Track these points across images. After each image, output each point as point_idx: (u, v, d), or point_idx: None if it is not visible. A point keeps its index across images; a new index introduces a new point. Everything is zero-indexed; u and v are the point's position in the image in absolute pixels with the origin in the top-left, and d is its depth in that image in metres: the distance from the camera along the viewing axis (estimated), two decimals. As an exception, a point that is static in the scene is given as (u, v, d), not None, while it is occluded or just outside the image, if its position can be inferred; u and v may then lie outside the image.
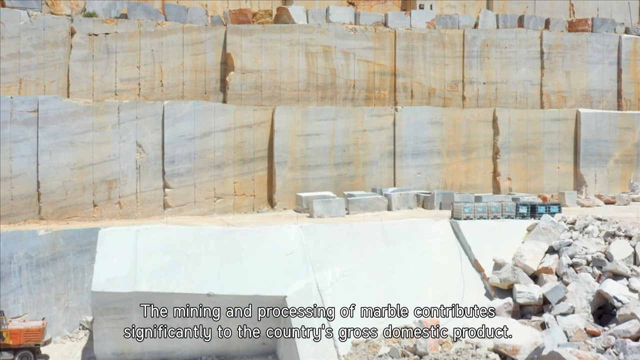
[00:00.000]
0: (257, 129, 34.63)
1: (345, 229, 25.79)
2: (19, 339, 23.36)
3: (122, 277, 22.40)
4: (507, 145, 38.56)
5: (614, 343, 19.28)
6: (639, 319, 19.71)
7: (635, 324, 19.59)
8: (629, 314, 19.94)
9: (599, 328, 20.32)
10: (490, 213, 26.71)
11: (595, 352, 18.73)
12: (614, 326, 20.15)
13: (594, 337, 19.96)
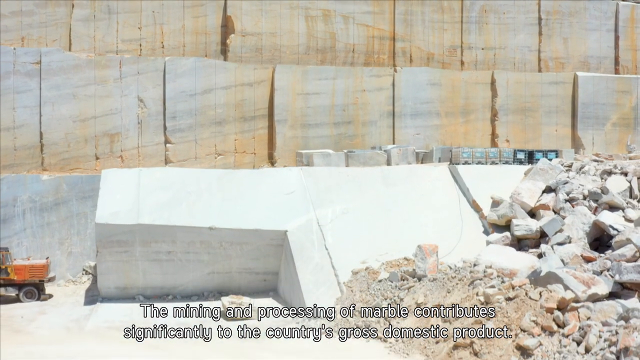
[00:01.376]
0: (257, 88, 34.89)
1: (345, 171, 26.14)
2: (23, 274, 23.66)
3: (125, 211, 22.69)
4: (505, 107, 38.83)
5: (609, 266, 19.55)
6: (634, 243, 19.95)
7: (631, 248, 19.86)
8: (625, 239, 20.21)
9: (595, 254, 20.60)
10: (488, 159, 27.02)
11: (591, 273, 19.02)
12: (609, 252, 20.44)
13: (589, 263, 20.24)
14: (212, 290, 23.73)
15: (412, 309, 18.49)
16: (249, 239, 22.87)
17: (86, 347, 17.76)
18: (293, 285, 21.88)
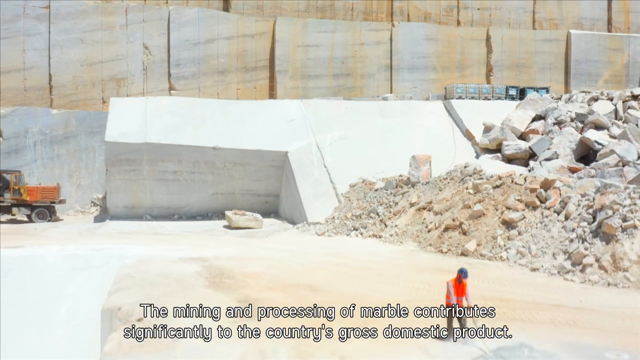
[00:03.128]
0: (258, 39, 35.88)
1: (344, 104, 27.15)
2: (35, 195, 24.68)
3: (133, 132, 23.72)
4: (500, 63, 39.80)
5: (594, 174, 20.60)
6: (617, 153, 21.04)
7: (614, 157, 20.92)
8: (609, 151, 21.26)
9: (581, 165, 21.66)
10: (481, 94, 28.02)
11: (575, 179, 20.03)
12: (594, 163, 21.47)
13: (575, 173, 21.28)
14: (216, 211, 24.76)
15: (406, 209, 19.53)
16: (251, 160, 23.88)
17: (99, 241, 18.82)
18: (294, 200, 22.91)
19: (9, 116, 27.66)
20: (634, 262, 12.85)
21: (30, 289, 15.72)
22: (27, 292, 15.60)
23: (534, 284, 12.91)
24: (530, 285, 12.69)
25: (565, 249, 14.17)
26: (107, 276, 15.21)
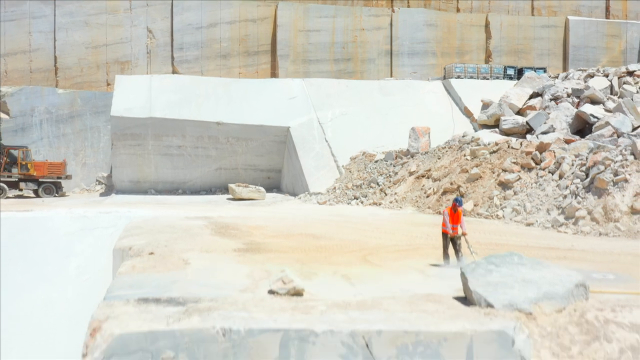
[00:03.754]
0: (260, 24, 36.35)
1: (344, 82, 27.62)
2: (42, 171, 25.17)
3: (138, 107, 24.21)
4: (499, 49, 40.25)
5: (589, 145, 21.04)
6: (612, 125, 21.48)
7: (609, 129, 21.35)
8: (604, 123, 21.69)
9: (576, 137, 22.09)
10: (480, 74, 28.47)
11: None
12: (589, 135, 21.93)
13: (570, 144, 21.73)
14: (219, 186, 25.25)
15: (406, 177, 20.01)
16: (254, 135, 24.36)
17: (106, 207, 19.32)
18: (295, 173, 23.39)
19: (15, 95, 28.15)
20: (625, 213, 13.33)
21: (41, 247, 16.22)
22: (38, 251, 16.10)
23: (528, 234, 13.39)
24: (525, 235, 13.18)
25: (559, 205, 14.65)
26: (115, 236, 15.70)
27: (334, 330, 6.03)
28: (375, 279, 8.38)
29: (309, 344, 5.96)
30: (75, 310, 15.23)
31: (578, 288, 7.15)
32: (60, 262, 15.78)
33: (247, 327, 5.94)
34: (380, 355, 6.04)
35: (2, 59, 30.53)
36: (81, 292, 15.15)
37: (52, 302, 15.14)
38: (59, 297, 15.19)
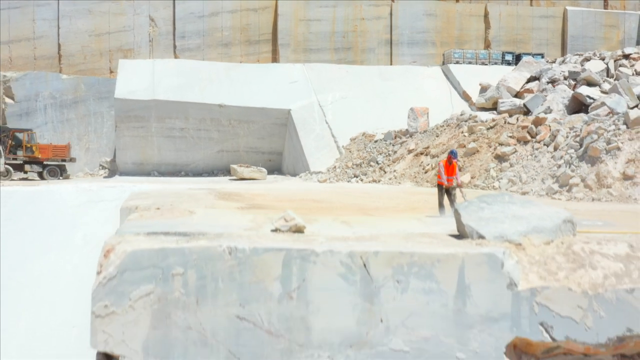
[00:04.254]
0: (261, 13, 36.71)
1: (344, 68, 28.02)
2: (47, 153, 25.54)
3: (142, 90, 24.60)
4: (497, 39, 40.56)
5: (585, 124, 21.37)
6: (607, 105, 21.84)
7: (605, 109, 21.70)
8: (600, 103, 22.06)
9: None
10: (478, 60, 28.83)
11: (567, 128, 20.81)
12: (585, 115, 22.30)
13: (567, 124, 22.07)
14: (221, 169, 25.62)
15: (405, 155, 20.38)
16: (255, 118, 24.73)
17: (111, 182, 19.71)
18: (296, 154, 23.77)
19: (20, 80, 28.53)
20: (617, 179, 13.70)
21: (48, 218, 16.61)
22: (45, 221, 16.49)
23: (523, 200, 13.75)
24: (520, 201, 13.53)
25: (553, 174, 15.03)
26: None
27: (334, 251, 6.41)
28: (374, 224, 8.76)
29: (310, 263, 6.34)
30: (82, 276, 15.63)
31: (566, 224, 7.53)
32: (67, 232, 16.17)
33: (252, 246, 6.33)
34: (377, 275, 6.42)
35: (7, 46, 30.92)
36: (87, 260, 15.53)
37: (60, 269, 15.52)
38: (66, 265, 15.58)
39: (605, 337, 6.79)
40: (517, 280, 6.67)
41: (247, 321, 6.23)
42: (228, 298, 6.20)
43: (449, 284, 6.52)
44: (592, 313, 6.75)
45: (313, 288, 6.31)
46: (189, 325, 6.17)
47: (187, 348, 6.16)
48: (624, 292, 6.86)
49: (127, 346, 6.16)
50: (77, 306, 14.84)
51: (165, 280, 6.17)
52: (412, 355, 6.47)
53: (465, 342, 6.54)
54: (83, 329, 14.33)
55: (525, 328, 6.65)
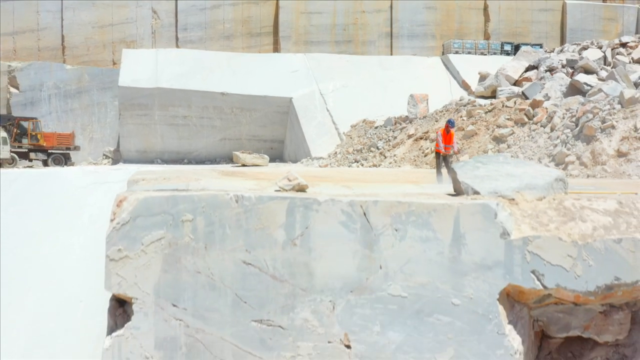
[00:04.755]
0: (263, 6, 37.04)
1: (345, 57, 28.32)
2: (52, 141, 25.90)
3: (145, 78, 24.93)
4: (497, 32, 40.87)
5: (582, 111, 21.68)
6: (605, 92, 22.13)
7: (602, 95, 21.95)
8: (597, 90, 22.35)
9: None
10: (477, 50, 29.14)
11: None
12: (583, 102, 22.59)
13: (565, 111, 22.38)
14: (223, 156, 25.95)
15: (404, 140, 20.71)
16: (257, 106, 25.06)
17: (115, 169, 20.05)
18: (298, 141, 24.09)
19: (25, 70, 28.89)
20: (611, 157, 14.03)
21: (55, 199, 16.95)
22: (52, 202, 16.83)
23: (519, 177, 14.08)
24: (516, 177, 13.87)
25: (549, 153, 15.35)
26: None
27: (335, 200, 6.75)
28: (374, 187, 9.09)
29: (313, 211, 6.67)
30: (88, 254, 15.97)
31: (557, 182, 7.85)
32: (74, 212, 16.51)
33: (258, 195, 6.66)
34: (376, 223, 6.74)
35: (11, 37, 31.26)
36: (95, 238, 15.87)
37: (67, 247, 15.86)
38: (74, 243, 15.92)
39: (594, 285, 7.11)
40: (509, 230, 6.99)
41: (253, 266, 6.55)
42: (235, 244, 6.52)
43: (445, 232, 6.85)
44: (582, 262, 7.07)
45: (315, 235, 6.63)
46: (198, 270, 6.50)
47: (196, 291, 6.49)
48: (612, 242, 7.18)
49: (139, 289, 6.48)
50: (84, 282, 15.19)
51: (176, 226, 6.50)
52: (409, 300, 6.79)
53: (460, 289, 6.86)
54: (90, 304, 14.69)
55: (517, 276, 6.97)
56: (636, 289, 7.27)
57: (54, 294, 15.01)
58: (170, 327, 6.47)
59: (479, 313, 6.87)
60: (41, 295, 14.87)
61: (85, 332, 14.33)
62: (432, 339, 6.79)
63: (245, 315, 6.53)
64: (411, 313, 6.77)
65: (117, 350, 6.46)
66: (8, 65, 28.86)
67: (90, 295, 15.33)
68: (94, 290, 13.94)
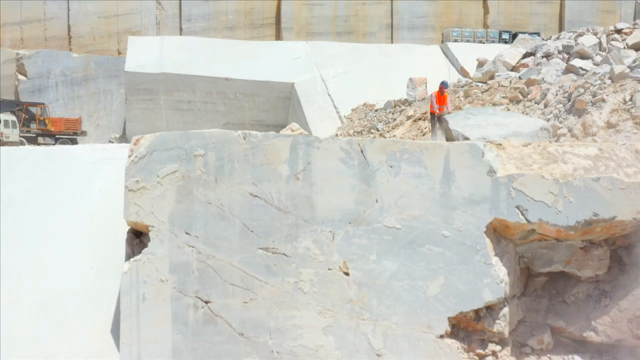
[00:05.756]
0: (265, -3, 37.65)
1: (346, 45, 28.93)
2: (59, 126, 26.54)
3: (150, 63, 25.54)
4: (496, 24, 41.36)
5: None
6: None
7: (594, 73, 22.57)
8: (591, 74, 22.91)
9: (565, 88, 23.31)
10: (476, 38, 29.71)
11: (560, 96, 21.66)
12: (578, 86, 23.14)
13: (560, 94, 22.93)
14: (227, 141, 26.50)
15: (404, 121, 21.28)
16: (260, 91, 25.66)
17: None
18: (300, 124, 24.61)
19: (32, 58, 29.50)
20: (601, 128, 14.60)
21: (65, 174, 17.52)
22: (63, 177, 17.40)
23: (513, 148, 14.65)
24: (510, 148, 14.44)
25: (543, 127, 15.91)
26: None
27: (335, 138, 7.34)
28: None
29: (314, 148, 7.25)
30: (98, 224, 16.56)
31: (542, 131, 8.41)
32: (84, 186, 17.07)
33: (264, 133, 7.25)
34: (373, 160, 7.33)
35: (18, 27, 31.88)
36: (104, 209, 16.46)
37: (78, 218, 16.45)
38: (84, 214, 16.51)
39: (574, 220, 7.69)
40: (496, 168, 7.57)
41: (259, 198, 7.14)
42: (242, 177, 7.11)
43: (436, 169, 7.43)
44: (563, 198, 7.65)
45: (317, 170, 7.22)
46: (208, 201, 7.08)
47: (207, 221, 7.07)
48: (591, 180, 7.76)
49: (155, 217, 7.08)
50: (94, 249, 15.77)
51: (188, 160, 7.09)
52: (403, 232, 7.38)
53: (450, 222, 7.45)
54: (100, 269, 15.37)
55: (503, 210, 7.55)
56: (613, 225, 7.85)
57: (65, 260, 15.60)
58: (184, 253, 7.05)
59: (467, 244, 7.46)
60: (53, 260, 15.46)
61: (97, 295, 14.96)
62: (424, 267, 7.37)
63: (252, 243, 7.12)
64: (405, 243, 7.35)
65: (135, 274, 7.05)
66: (16, 53, 29.49)
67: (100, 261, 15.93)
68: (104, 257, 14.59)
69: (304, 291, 7.07)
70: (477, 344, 7.66)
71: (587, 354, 8.22)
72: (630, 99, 14.65)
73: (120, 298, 7.38)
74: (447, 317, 7.35)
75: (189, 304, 6.94)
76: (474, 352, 7.61)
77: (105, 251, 14.85)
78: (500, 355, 7.75)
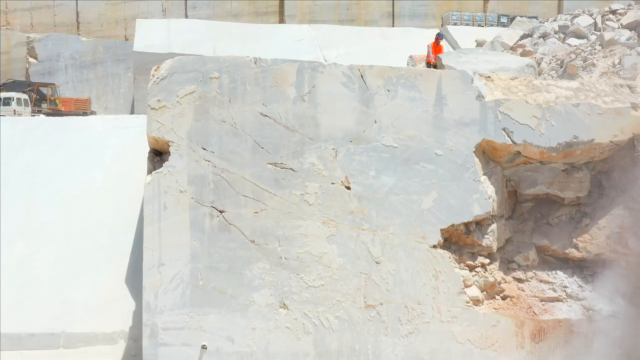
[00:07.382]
0: (269, -15, 38.41)
1: (348, 29, 29.66)
2: (70, 106, 27.30)
3: (158, 44, 26.28)
4: (496, 12, 41.88)
5: (572, 70, 22.90)
6: (593, 52, 23.35)
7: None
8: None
9: (561, 65, 24.01)
10: (475, 22, 30.43)
11: (555, 72, 22.37)
12: (573, 63, 23.83)
13: (556, 71, 23.64)
14: (232, 120, 27.24)
15: (403, 96, 22.01)
16: (264, 71, 26.35)
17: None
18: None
19: (43, 41, 30.30)
20: (591, 90, 15.30)
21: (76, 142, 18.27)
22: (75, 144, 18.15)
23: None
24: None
25: (536, 93, 16.62)
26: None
27: (337, 64, 8.08)
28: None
29: (318, 72, 8.00)
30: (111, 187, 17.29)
31: (529, 67, 9.14)
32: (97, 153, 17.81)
33: (273, 58, 7.99)
34: (372, 84, 8.07)
35: (28, 12, 32.69)
36: (117, 172, 17.19)
37: (91, 181, 17.18)
38: (97, 177, 17.24)
39: (556, 142, 8.43)
40: (484, 93, 8.31)
41: (269, 118, 7.89)
42: (253, 98, 7.85)
43: (429, 94, 8.17)
44: (545, 122, 8.39)
45: (321, 93, 7.96)
46: (223, 119, 7.82)
47: (221, 137, 7.81)
48: (571, 106, 8.50)
49: (175, 134, 7.82)
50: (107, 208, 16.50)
51: (205, 82, 7.83)
52: (399, 150, 8.12)
53: (442, 142, 8.19)
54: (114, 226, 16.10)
55: (490, 132, 8.29)
56: (592, 148, 8.59)
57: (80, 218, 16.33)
58: (200, 166, 7.80)
59: (458, 163, 8.20)
60: (69, 218, 16.19)
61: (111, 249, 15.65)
62: (418, 183, 8.11)
63: (262, 158, 7.86)
64: (401, 161, 8.09)
65: (157, 185, 7.79)
66: (27, 37, 30.29)
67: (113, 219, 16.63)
68: (117, 215, 15.37)
69: (309, 203, 7.80)
70: (468, 256, 8.40)
71: (569, 269, 8.95)
72: (619, 62, 15.36)
73: (143, 206, 8.12)
74: (440, 228, 8.08)
75: (206, 213, 7.68)
76: (465, 263, 8.34)
77: (118, 210, 15.64)
78: (489, 268, 8.49)
